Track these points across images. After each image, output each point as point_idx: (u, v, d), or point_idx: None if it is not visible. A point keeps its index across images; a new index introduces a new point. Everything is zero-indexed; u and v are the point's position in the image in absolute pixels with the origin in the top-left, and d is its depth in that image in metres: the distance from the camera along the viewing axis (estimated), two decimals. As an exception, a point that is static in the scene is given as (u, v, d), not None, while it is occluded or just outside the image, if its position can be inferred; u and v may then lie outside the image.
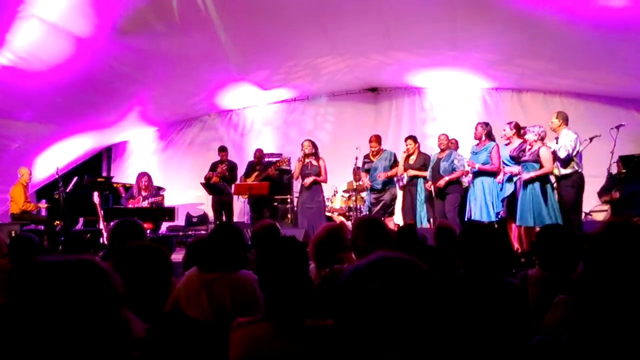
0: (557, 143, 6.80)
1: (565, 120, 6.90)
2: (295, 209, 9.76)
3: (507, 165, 7.10)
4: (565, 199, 6.72)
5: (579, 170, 6.78)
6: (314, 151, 8.23)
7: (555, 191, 6.79)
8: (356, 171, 8.93)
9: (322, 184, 8.30)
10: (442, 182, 7.55)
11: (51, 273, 1.11)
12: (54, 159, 9.73)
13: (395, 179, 8.27)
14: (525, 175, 6.57)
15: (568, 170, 6.76)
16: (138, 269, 2.20)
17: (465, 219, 7.26)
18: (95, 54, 7.58)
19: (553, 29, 7.10)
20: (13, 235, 6.73)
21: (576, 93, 9.67)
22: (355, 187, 9.00)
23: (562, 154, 6.64)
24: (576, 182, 6.75)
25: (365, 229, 3.13)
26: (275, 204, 10.01)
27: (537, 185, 6.51)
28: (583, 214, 8.05)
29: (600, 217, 8.11)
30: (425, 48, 8.71)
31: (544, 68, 8.80)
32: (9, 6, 6.08)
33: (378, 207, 8.03)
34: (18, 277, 1.11)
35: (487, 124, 7.46)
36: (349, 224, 7.80)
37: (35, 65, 7.28)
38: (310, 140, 8.37)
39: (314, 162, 8.16)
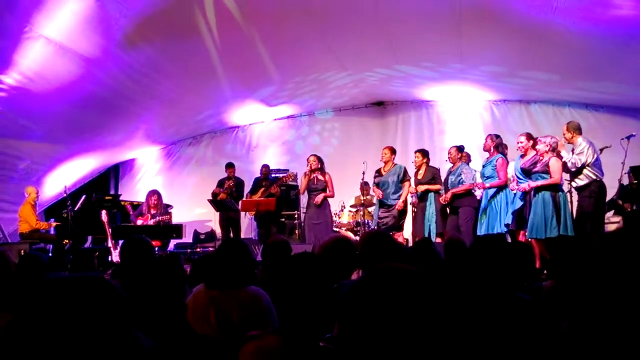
0: (572, 153, 6.72)
1: (576, 129, 6.79)
2: (303, 224, 9.74)
3: (518, 177, 7.03)
4: (584, 210, 6.56)
5: (598, 179, 6.62)
6: (319, 166, 8.22)
7: (576, 202, 6.67)
8: (363, 186, 8.91)
9: (330, 199, 8.28)
10: (447, 195, 7.49)
11: (59, 290, 1.09)
12: (62, 178, 9.77)
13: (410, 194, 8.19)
14: (532, 183, 6.47)
15: (585, 181, 6.61)
16: (156, 283, 2.18)
17: (478, 234, 7.20)
18: (102, 73, 7.63)
19: (560, 40, 7.06)
20: (22, 254, 6.73)
21: (585, 104, 9.62)
22: (362, 201, 8.96)
23: (572, 166, 6.56)
24: (594, 192, 6.56)
25: (373, 243, 3.09)
26: (283, 219, 9.98)
27: (547, 195, 6.40)
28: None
29: (612, 228, 8.02)
30: (431, 61, 8.71)
31: (551, 79, 8.76)
32: (14, 27, 6.13)
33: (387, 220, 8.00)
34: (26, 294, 1.09)
35: (497, 136, 7.42)
36: (356, 239, 7.74)
37: (42, 85, 7.32)
38: (316, 155, 8.36)
39: (320, 177, 8.15)
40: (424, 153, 8.20)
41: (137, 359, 1.16)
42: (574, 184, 6.74)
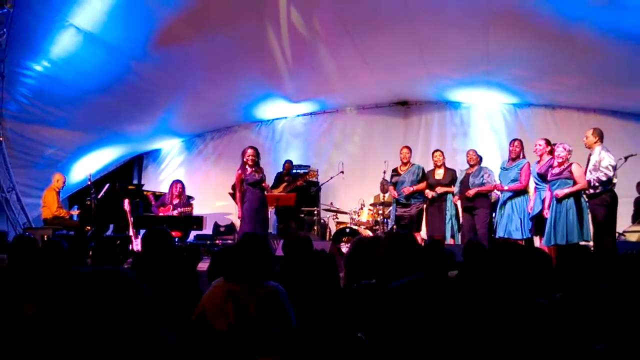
0: (588, 160, 6.61)
1: (600, 137, 6.65)
2: (322, 221, 9.78)
3: (536, 183, 6.99)
4: (598, 218, 6.47)
5: (611, 189, 6.49)
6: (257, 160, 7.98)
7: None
8: (384, 184, 8.88)
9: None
10: (471, 192, 7.40)
11: (82, 284, 1.10)
12: (86, 166, 9.91)
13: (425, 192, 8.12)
14: (560, 192, 6.35)
15: (599, 189, 6.46)
16: (171, 276, 2.21)
17: (497, 236, 7.16)
18: (129, 64, 7.72)
19: (589, 45, 6.97)
20: (45, 239, 6.83)
21: (612, 110, 9.47)
22: (382, 200, 8.94)
23: (604, 177, 6.36)
24: (606, 201, 6.40)
25: (395, 243, 3.08)
26: (302, 215, 10.00)
27: (571, 202, 6.32)
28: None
29: (634, 237, 7.91)
30: (458, 62, 8.63)
31: (578, 85, 8.64)
32: (46, 15, 6.23)
33: (406, 221, 7.98)
34: (49, 286, 1.12)
35: (521, 141, 7.39)
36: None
37: (70, 73, 7.44)
38: (254, 148, 8.10)
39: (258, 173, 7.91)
40: (444, 153, 8.21)
41: (162, 352, 1.18)
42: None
